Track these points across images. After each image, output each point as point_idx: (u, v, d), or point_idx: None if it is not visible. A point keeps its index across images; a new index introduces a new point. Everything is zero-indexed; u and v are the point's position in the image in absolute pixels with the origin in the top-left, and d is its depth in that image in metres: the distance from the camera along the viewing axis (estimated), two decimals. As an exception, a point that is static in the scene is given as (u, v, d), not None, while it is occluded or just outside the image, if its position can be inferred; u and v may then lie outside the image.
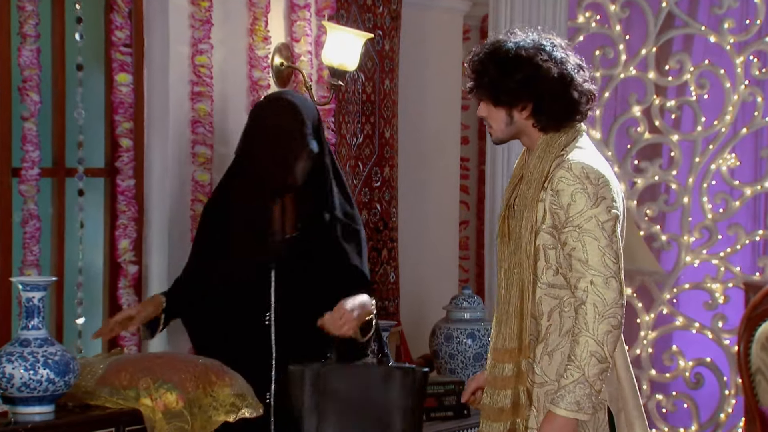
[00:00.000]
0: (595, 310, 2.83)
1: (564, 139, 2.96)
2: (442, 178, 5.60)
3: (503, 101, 2.96)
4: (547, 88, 2.92)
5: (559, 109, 2.95)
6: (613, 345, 2.84)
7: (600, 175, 2.90)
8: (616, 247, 2.87)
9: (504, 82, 2.93)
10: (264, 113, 3.55)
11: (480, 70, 2.96)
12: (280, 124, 3.50)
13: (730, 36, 5.84)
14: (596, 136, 5.91)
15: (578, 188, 2.88)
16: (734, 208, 5.89)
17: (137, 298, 3.97)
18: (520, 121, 2.98)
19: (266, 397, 3.55)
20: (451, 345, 4.82)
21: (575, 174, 2.89)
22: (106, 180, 4.04)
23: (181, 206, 4.07)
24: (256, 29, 4.28)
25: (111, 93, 3.96)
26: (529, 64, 2.92)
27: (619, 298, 2.85)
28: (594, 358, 2.82)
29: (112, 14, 3.94)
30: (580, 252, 2.86)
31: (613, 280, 2.85)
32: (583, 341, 2.83)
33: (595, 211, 2.87)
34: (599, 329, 2.83)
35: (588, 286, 2.84)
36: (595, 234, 2.86)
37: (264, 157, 3.50)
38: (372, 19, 5.00)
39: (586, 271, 2.85)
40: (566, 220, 2.88)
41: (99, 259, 4.01)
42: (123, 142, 3.96)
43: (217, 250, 3.56)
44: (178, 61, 4.03)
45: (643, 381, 5.94)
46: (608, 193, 2.89)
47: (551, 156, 2.94)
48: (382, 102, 5.07)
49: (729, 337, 5.81)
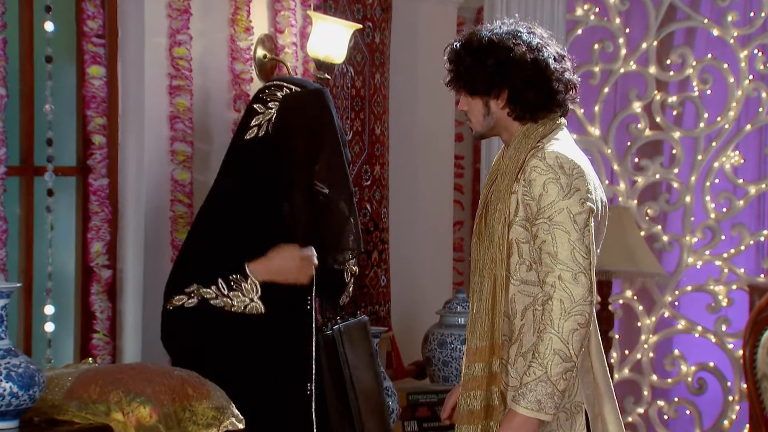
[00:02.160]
0: (562, 306, 2.81)
1: (541, 130, 2.96)
2: (435, 177, 5.61)
3: (479, 89, 2.98)
4: (521, 73, 2.93)
5: (534, 97, 2.94)
6: (579, 344, 2.83)
7: (574, 165, 2.89)
8: (588, 241, 2.85)
9: (477, 69, 2.95)
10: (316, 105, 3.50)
11: (455, 60, 3.00)
12: (333, 120, 3.51)
13: (733, 29, 5.87)
14: (595, 133, 5.97)
15: (550, 178, 2.86)
16: (738, 207, 5.90)
17: (111, 305, 3.93)
18: (497, 112, 2.99)
19: (307, 388, 3.51)
20: (444, 351, 4.78)
21: (548, 163, 2.88)
22: (77, 179, 3.99)
23: (158, 207, 4.02)
24: (237, 19, 4.25)
25: (83, 86, 3.92)
26: (501, 49, 2.93)
27: (588, 295, 2.83)
28: (558, 356, 2.81)
29: (84, 3, 3.89)
30: (550, 245, 2.84)
31: (582, 275, 2.82)
32: (547, 338, 2.82)
33: (567, 203, 2.85)
34: (564, 326, 2.81)
35: (555, 281, 2.83)
36: (566, 226, 2.84)
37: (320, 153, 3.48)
38: (361, 10, 4.98)
39: (555, 265, 2.83)
40: (538, 211, 2.87)
41: (70, 264, 3.97)
42: (96, 138, 3.91)
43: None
44: (154, 53, 4.00)
45: (644, 387, 5.98)
46: (582, 184, 2.88)
47: (527, 147, 2.94)
48: (372, 97, 5.08)
49: (733, 341, 5.84)
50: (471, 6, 5.86)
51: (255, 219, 3.47)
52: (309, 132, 3.47)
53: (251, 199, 3.48)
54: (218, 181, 3.56)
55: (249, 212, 3.47)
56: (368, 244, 5.07)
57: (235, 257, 3.42)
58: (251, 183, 3.48)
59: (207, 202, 3.56)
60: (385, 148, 5.18)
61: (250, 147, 3.47)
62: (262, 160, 3.46)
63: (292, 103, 3.49)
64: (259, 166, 3.46)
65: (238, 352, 3.48)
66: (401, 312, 5.27)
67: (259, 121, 3.48)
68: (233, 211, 3.47)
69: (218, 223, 3.47)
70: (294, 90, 3.50)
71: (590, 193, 2.89)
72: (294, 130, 3.46)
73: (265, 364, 3.50)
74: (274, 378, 3.49)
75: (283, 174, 3.46)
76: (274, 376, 3.49)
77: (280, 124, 3.47)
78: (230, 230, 3.46)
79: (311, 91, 3.53)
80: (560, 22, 5.34)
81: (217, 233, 3.46)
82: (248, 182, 3.48)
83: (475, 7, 5.89)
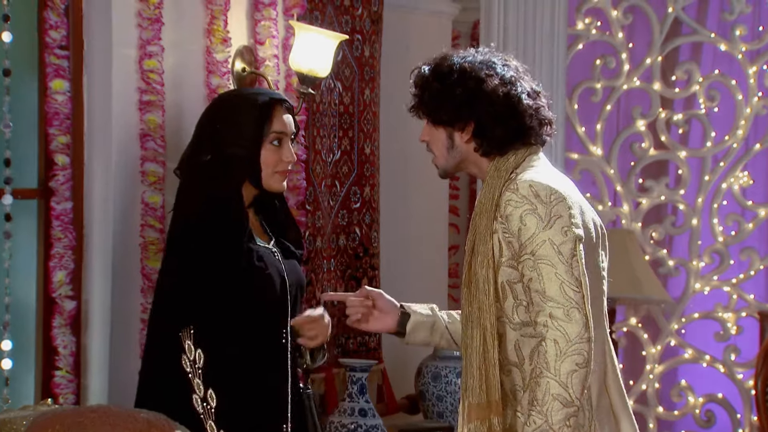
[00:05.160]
0: (556, 347, 2.75)
1: (513, 160, 2.91)
2: (428, 199, 5.60)
3: (442, 120, 2.93)
4: (491, 108, 2.89)
5: (502, 134, 2.90)
6: (581, 385, 2.76)
7: (552, 191, 2.82)
8: (577, 273, 2.79)
9: (444, 97, 2.90)
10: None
11: (421, 85, 2.95)
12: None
13: (742, 44, 5.85)
14: (597, 153, 5.96)
15: (527, 210, 2.81)
16: (747, 230, 5.89)
17: (75, 340, 3.85)
18: (461, 146, 2.94)
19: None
20: (439, 385, 4.77)
21: (522, 194, 2.82)
22: (38, 202, 3.94)
23: (127, 233, 3.96)
24: (214, 29, 4.20)
25: (44, 102, 3.86)
26: (472, 79, 2.89)
27: (584, 332, 2.76)
28: (557, 402, 2.74)
29: (46, 11, 3.82)
30: (537, 282, 2.79)
31: (575, 311, 2.76)
32: (543, 383, 2.75)
33: (549, 234, 2.79)
34: (562, 368, 2.74)
35: (547, 320, 2.77)
36: (551, 260, 2.78)
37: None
38: (350, 21, 4.98)
39: (545, 303, 2.78)
40: (520, 247, 2.81)
41: (30, 295, 3.91)
42: (59, 158, 3.84)
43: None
44: (123, 66, 3.95)
45: (650, 419, 5.94)
46: (564, 210, 2.81)
47: (501, 180, 2.89)
48: (361, 114, 5.08)
49: (742, 371, 5.82)
50: (467, 20, 5.88)
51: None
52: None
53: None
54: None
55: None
56: (357, 270, 5.06)
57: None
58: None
59: None
60: (375, 168, 5.17)
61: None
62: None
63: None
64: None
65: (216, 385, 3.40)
66: (393, 343, 5.06)
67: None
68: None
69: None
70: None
71: (574, 218, 2.81)
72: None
73: (239, 399, 3.40)
74: (249, 415, 3.40)
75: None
76: (248, 413, 3.40)
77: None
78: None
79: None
80: (560, 36, 5.31)
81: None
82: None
83: (470, 21, 5.90)
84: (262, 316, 3.39)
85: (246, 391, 3.38)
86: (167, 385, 3.36)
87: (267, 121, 3.40)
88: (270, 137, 3.40)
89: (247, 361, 3.37)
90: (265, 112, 3.40)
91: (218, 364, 3.34)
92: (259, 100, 3.42)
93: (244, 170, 3.38)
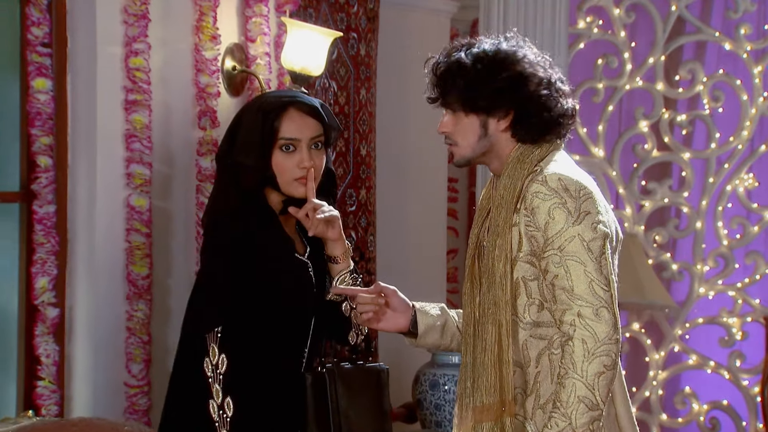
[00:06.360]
0: (584, 347, 2.68)
1: (538, 153, 2.83)
2: (426, 202, 5.59)
3: (480, 107, 2.81)
4: (534, 94, 2.80)
5: (541, 122, 2.82)
6: (607, 388, 2.70)
7: (581, 186, 2.76)
8: (606, 271, 2.73)
9: (485, 83, 2.79)
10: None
11: (454, 71, 2.81)
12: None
13: (746, 43, 5.86)
14: (599, 154, 5.95)
15: (556, 203, 2.73)
16: (752, 233, 5.88)
17: (58, 349, 3.84)
18: (495, 134, 2.83)
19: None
20: (437, 393, 4.72)
21: (551, 187, 2.75)
22: (20, 206, 3.95)
23: (112, 237, 3.96)
24: (203, 26, 4.21)
25: (26, 102, 3.87)
26: (515, 64, 2.80)
27: (613, 333, 2.69)
28: (583, 404, 2.67)
29: (28, 8, 3.83)
30: (564, 279, 2.71)
31: (604, 310, 2.70)
32: (569, 384, 2.69)
33: (578, 229, 2.72)
34: (589, 370, 2.68)
35: (575, 319, 2.70)
36: (580, 257, 2.71)
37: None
38: (345, 19, 4.95)
39: (572, 301, 2.71)
40: (545, 242, 2.74)
41: (12, 302, 3.91)
42: (41, 160, 3.85)
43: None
44: (108, 64, 3.94)
45: (653, 427, 5.93)
46: (593, 206, 2.75)
47: (524, 172, 2.81)
48: (357, 114, 5.05)
49: (748, 378, 5.83)
50: (465, 18, 5.87)
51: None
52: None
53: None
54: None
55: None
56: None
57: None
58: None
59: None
60: (371, 170, 5.14)
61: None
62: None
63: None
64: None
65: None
66: (390, 349, 5.11)
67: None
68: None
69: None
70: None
71: (602, 216, 2.75)
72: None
73: (254, 412, 3.30)
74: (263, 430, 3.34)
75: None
76: (262, 427, 3.31)
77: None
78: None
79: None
80: (562, 35, 5.28)
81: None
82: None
83: (469, 20, 5.89)
84: (287, 328, 3.30)
85: (262, 404, 3.29)
86: (188, 387, 3.26)
87: (272, 127, 3.28)
88: (279, 143, 3.27)
89: (266, 373, 3.28)
90: (271, 117, 3.26)
91: (239, 372, 3.25)
92: (266, 105, 3.30)
93: (253, 178, 3.28)
